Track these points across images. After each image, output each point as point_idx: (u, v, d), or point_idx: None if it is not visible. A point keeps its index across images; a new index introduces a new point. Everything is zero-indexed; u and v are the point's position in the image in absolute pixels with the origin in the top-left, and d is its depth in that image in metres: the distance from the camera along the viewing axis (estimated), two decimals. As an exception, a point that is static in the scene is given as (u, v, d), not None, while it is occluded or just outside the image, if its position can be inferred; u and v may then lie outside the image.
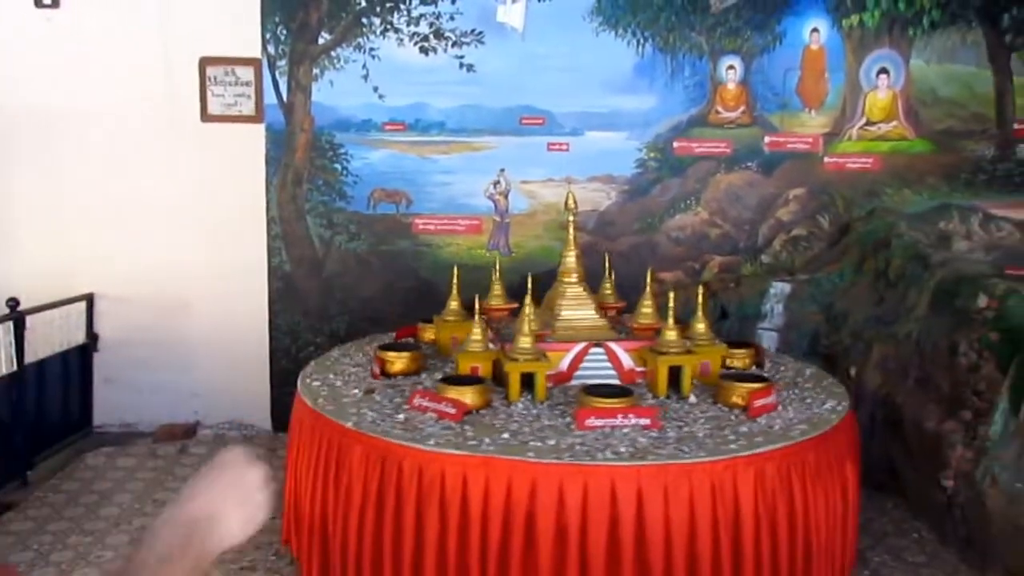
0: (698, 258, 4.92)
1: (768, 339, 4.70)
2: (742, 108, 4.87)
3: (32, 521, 3.88)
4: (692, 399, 3.10)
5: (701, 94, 4.85)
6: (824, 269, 4.77)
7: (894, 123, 4.87)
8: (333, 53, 4.79)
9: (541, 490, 2.46)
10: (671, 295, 3.20)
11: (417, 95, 4.82)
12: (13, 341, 4.23)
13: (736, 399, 3.01)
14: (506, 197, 4.87)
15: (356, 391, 3.16)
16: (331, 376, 3.37)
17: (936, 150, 4.83)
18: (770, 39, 4.81)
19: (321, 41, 4.79)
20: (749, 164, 4.89)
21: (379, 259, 4.92)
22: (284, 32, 4.78)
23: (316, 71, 4.80)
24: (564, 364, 3.21)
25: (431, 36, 4.77)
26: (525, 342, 3.05)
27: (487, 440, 2.65)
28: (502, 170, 4.85)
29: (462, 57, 4.78)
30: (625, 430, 2.72)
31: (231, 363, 5.08)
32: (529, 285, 3.21)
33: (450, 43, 4.78)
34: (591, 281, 3.65)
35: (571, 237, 3.51)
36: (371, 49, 4.78)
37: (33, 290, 4.65)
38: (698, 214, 4.91)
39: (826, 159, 4.88)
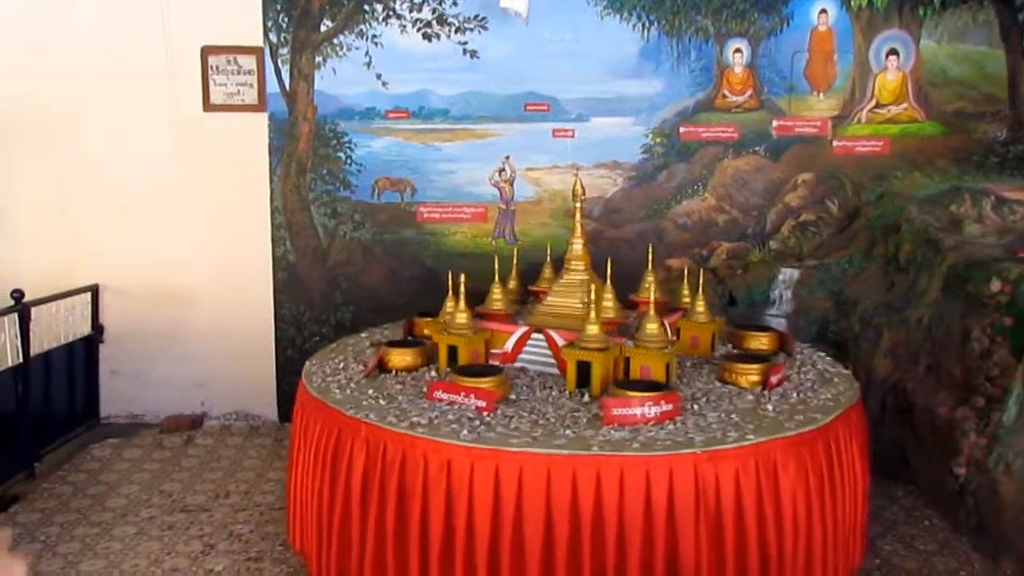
0: (705, 244, 4.87)
1: (776, 325, 4.64)
2: (749, 92, 4.80)
3: (39, 512, 3.88)
4: (700, 383, 3.08)
5: (707, 78, 4.78)
6: (833, 254, 4.72)
7: (904, 105, 4.80)
8: (335, 40, 4.74)
9: (573, 482, 2.44)
10: (592, 289, 3.11)
11: (420, 82, 4.78)
12: (19, 333, 4.21)
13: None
14: (511, 184, 4.83)
15: (358, 382, 3.13)
16: (335, 366, 3.34)
17: (947, 132, 4.76)
18: (777, 21, 4.74)
19: (323, 28, 4.74)
20: (756, 149, 4.83)
21: (384, 248, 4.89)
22: (286, 20, 4.73)
23: (318, 59, 4.75)
24: (508, 345, 3.34)
25: (434, 22, 4.72)
26: (461, 318, 3.24)
27: (495, 431, 2.63)
28: (507, 157, 4.80)
29: (465, 43, 4.73)
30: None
31: (236, 354, 5.07)
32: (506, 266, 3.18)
33: (453, 29, 4.73)
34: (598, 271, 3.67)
35: (578, 224, 3.49)
36: (373, 36, 4.73)
37: (38, 282, 4.64)
38: (705, 200, 4.86)
39: (835, 143, 4.81)
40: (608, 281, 3.34)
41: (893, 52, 4.77)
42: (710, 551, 2.47)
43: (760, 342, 3.56)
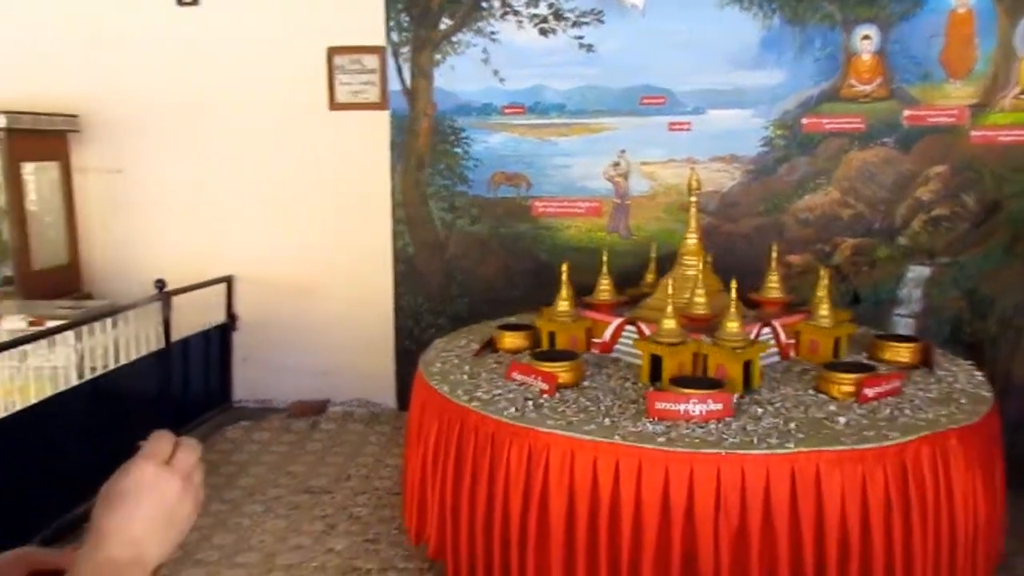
0: (828, 240, 4.70)
1: (904, 326, 4.46)
2: (878, 80, 4.59)
3: (176, 489, 4.15)
4: (789, 389, 2.98)
5: (833, 67, 4.60)
6: (968, 251, 4.46)
7: (1053, 91, 4.48)
8: (454, 38, 4.83)
9: (689, 478, 2.44)
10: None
11: (536, 77, 4.81)
12: (161, 320, 4.52)
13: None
14: (626, 179, 4.80)
15: (469, 372, 3.22)
16: (449, 357, 3.44)
17: (1100, 120, 4.42)
18: (910, 5, 4.50)
19: (442, 27, 4.84)
20: (885, 140, 4.61)
21: (499, 242, 4.95)
22: (407, 19, 4.86)
23: (438, 56, 4.86)
24: (606, 335, 3.40)
25: (550, 17, 4.74)
26: (562, 306, 3.42)
27: (592, 422, 2.66)
28: (622, 151, 4.78)
29: (581, 37, 4.73)
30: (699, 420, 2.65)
31: (358, 343, 5.26)
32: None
33: (569, 23, 4.73)
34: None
35: (693, 219, 3.46)
36: (491, 33, 4.80)
37: (179, 273, 4.95)
38: (828, 194, 4.68)
39: (973, 133, 4.54)
40: (700, 276, 3.29)
41: (1042, 33, 4.46)
42: (686, 546, 2.45)
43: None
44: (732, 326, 2.95)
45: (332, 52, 5.02)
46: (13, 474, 3.31)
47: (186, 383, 4.90)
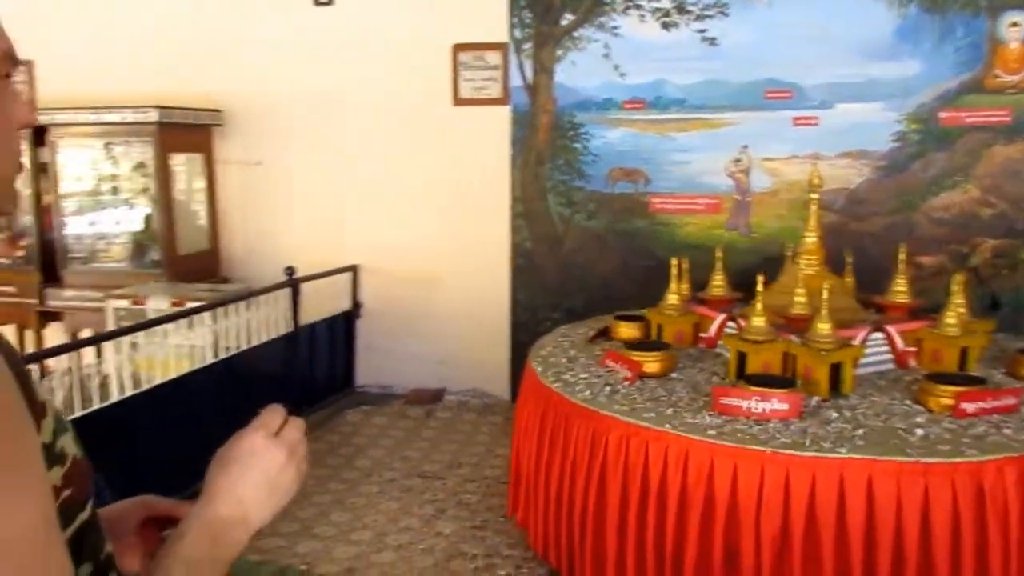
0: (966, 241, 4.45)
1: (1047, 333, 4.17)
2: (1026, 71, 4.31)
3: (299, 466, 4.36)
4: (884, 398, 2.83)
5: (975, 56, 4.35)
6: (1125, 255, 4.13)
7: None
8: (575, 33, 4.86)
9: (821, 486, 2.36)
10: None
11: (657, 72, 4.77)
12: (290, 305, 4.76)
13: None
14: (747, 175, 4.69)
15: (570, 357, 3.31)
16: (563, 343, 3.52)
17: None
18: (1064, -10, 4.21)
19: (564, 22, 4.87)
20: (1033, 134, 4.33)
21: (616, 237, 4.95)
22: (529, 16, 4.91)
23: (559, 52, 4.89)
24: (711, 330, 3.39)
25: (673, 11, 4.69)
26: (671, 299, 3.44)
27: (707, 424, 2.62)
28: (744, 147, 4.67)
29: (704, 31, 4.65)
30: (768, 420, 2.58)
31: (475, 334, 5.37)
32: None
33: (692, 17, 4.67)
34: (837, 267, 3.57)
35: (813, 216, 3.37)
36: (613, 27, 4.79)
37: (309, 261, 5.20)
38: (967, 192, 4.43)
39: None
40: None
41: None
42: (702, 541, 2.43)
43: None
44: (823, 327, 2.85)
45: (457, 49, 5.14)
46: (153, 442, 3.57)
47: (312, 366, 5.13)
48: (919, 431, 2.50)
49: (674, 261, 3.53)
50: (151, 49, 5.58)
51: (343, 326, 5.50)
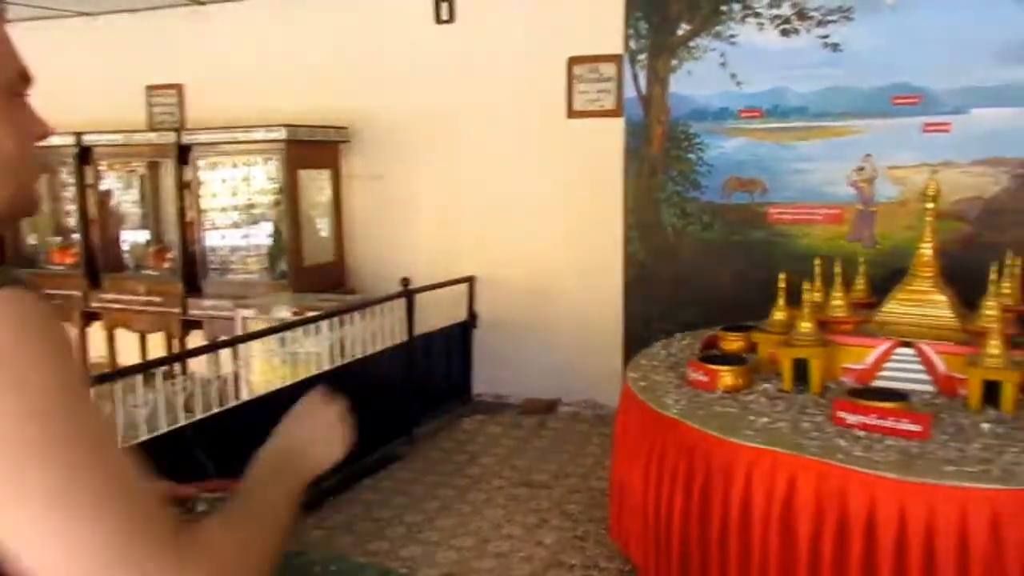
0: (1115, 253, 4.10)
1: None
2: None
3: (411, 472, 4.49)
4: None
5: None
6: None
7: None
8: (691, 43, 4.79)
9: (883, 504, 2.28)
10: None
11: (776, 80, 4.64)
12: (405, 315, 4.91)
13: None
14: (871, 184, 4.49)
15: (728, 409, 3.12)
16: (676, 394, 3.40)
17: None
18: None
19: (680, 32, 4.82)
20: None
21: (732, 249, 4.84)
22: (645, 27, 4.89)
23: (674, 62, 4.84)
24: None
25: (793, 17, 4.56)
26: (805, 327, 3.07)
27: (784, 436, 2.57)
28: (867, 155, 4.48)
29: (827, 36, 4.49)
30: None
31: (588, 345, 5.38)
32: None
33: (814, 23, 4.52)
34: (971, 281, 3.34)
35: (929, 228, 3.21)
36: (730, 36, 4.70)
37: (429, 272, 5.36)
38: (1118, 201, 4.09)
39: None
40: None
41: None
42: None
43: None
44: (805, 327, 3.00)
45: (572, 62, 5.18)
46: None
47: (429, 375, 5.26)
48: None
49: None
50: (286, 72, 5.91)
51: (459, 336, 5.62)
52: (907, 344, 3.05)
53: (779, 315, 3.39)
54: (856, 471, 2.30)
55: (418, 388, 5.04)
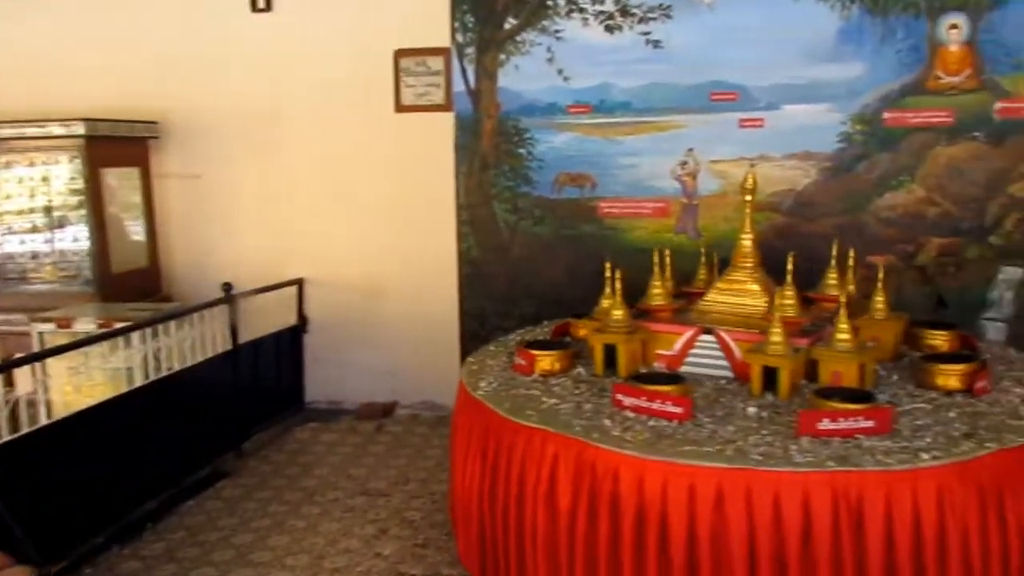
0: (912, 240, 4.43)
1: (994, 330, 4.17)
2: (967, 72, 4.30)
3: (242, 488, 4.22)
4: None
5: (916, 58, 4.33)
6: (1067, 252, 4.13)
7: None
8: (519, 38, 4.77)
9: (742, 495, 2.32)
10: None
11: (602, 76, 4.69)
12: (228, 322, 4.61)
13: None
14: (694, 178, 4.64)
15: (527, 391, 3.13)
16: (494, 376, 3.35)
17: None
18: (1004, -9, 4.21)
19: (507, 26, 4.78)
20: (975, 134, 4.31)
21: (564, 243, 4.86)
22: (472, 20, 4.82)
23: (502, 57, 4.80)
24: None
25: (616, 14, 4.62)
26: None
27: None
28: (690, 150, 4.62)
29: (648, 33, 4.59)
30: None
31: (425, 345, 5.27)
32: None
33: (636, 19, 4.61)
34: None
35: (748, 219, 3.33)
36: (556, 31, 4.71)
37: (251, 275, 5.06)
38: (912, 192, 4.41)
39: (1071, 126, 4.20)
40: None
41: None
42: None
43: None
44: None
45: (399, 55, 5.04)
46: (80, 471, 3.41)
47: (257, 384, 4.98)
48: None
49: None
50: (92, 62, 5.40)
51: (289, 341, 5.37)
52: (708, 331, 3.17)
53: (607, 304, 3.42)
54: (604, 449, 2.42)
55: (246, 399, 4.76)
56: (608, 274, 3.46)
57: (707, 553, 2.28)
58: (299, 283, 5.40)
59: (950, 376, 2.83)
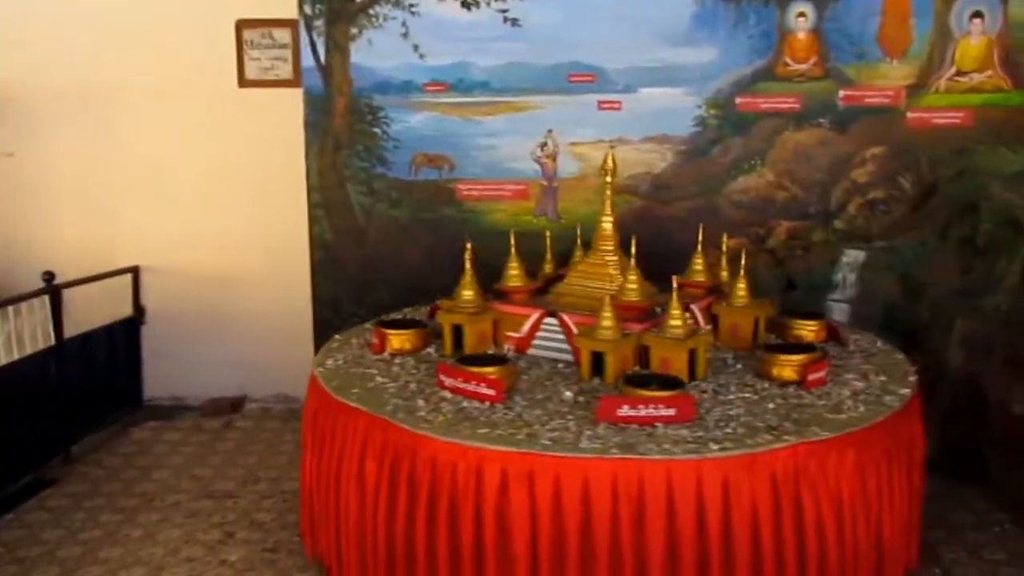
0: (763, 223, 4.54)
1: (838, 311, 4.33)
2: (813, 59, 4.43)
3: (69, 498, 3.85)
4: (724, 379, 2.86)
5: (767, 45, 4.43)
6: (904, 236, 4.34)
7: (988, 73, 4.36)
8: (371, 11, 4.55)
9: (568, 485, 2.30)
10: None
11: (459, 53, 4.55)
12: (50, 315, 4.18)
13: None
14: (554, 160, 4.58)
15: (366, 370, 3.07)
16: (345, 354, 3.28)
17: (1036, 102, 4.31)
18: (847, -18, 4.35)
19: (359, -2, 4.55)
20: (821, 121, 4.46)
21: (422, 227, 4.70)
22: (321, -10, 4.56)
23: (354, 30, 4.57)
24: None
25: (473, -11, 4.49)
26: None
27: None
28: (549, 131, 4.55)
29: (506, 11, 4.48)
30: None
31: (275, 335, 5.01)
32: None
33: (493, -4, 4.49)
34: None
35: (608, 202, 3.30)
36: (410, 5, 4.52)
37: (78, 264, 4.64)
38: (763, 176, 4.52)
39: (909, 114, 4.40)
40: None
41: (977, 15, 4.33)
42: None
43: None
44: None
45: (241, 25, 4.71)
46: None
47: (87, 382, 4.57)
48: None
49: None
50: None
51: (124, 334, 4.98)
52: (552, 314, 3.15)
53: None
54: (405, 429, 2.48)
55: (74, 398, 4.36)
56: (467, 256, 3.36)
57: (492, 536, 2.32)
58: (134, 271, 5.00)
59: (784, 367, 2.86)
